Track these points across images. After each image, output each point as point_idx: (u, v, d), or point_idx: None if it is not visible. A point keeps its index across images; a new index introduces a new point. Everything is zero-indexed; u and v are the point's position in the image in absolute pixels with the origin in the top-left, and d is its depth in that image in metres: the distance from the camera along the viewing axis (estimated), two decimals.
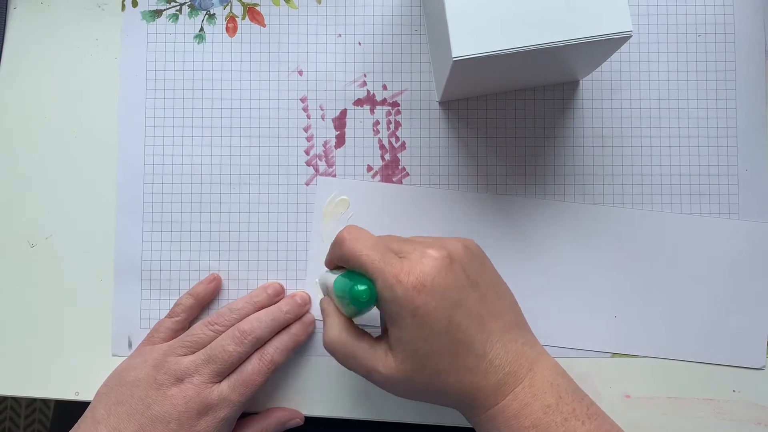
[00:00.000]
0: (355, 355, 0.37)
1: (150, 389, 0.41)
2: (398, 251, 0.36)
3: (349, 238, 0.37)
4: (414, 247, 0.36)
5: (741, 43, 0.47)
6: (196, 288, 0.46)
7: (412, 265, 0.35)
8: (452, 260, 0.35)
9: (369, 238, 0.37)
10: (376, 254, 0.35)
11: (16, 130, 0.48)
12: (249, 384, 0.41)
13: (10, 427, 1.11)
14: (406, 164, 0.47)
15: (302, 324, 0.45)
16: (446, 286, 0.35)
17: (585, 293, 0.46)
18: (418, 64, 0.47)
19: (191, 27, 0.48)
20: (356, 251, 0.36)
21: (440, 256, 0.35)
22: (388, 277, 0.34)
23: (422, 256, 0.35)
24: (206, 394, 0.41)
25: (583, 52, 0.37)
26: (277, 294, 0.46)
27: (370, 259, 0.35)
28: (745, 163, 0.47)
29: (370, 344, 0.37)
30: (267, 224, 0.47)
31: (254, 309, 0.44)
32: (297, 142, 0.47)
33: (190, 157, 0.47)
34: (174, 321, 0.45)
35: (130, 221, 0.47)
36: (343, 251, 0.37)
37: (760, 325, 0.46)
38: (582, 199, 0.47)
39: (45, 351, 0.47)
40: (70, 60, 0.48)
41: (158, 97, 0.47)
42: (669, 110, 0.47)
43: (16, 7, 0.48)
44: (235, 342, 0.41)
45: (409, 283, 0.34)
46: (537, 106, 0.47)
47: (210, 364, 0.41)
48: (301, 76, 0.48)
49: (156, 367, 0.42)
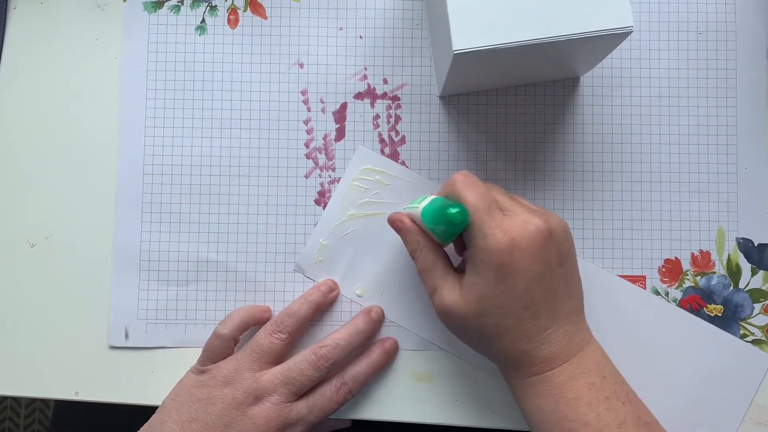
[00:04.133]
0: (432, 269, 0.39)
1: (229, 408, 0.41)
2: (504, 207, 0.38)
3: (461, 180, 0.38)
4: (521, 210, 0.38)
5: (742, 42, 0.47)
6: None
7: (513, 226, 0.36)
8: (551, 235, 0.37)
9: (480, 186, 0.38)
10: (483, 203, 0.37)
11: (17, 130, 0.48)
12: (325, 409, 0.43)
13: (10, 427, 1.11)
14: (406, 158, 0.47)
15: (384, 353, 0.45)
16: (537, 256, 0.36)
17: None
18: (419, 59, 0.47)
19: (193, 18, 0.48)
20: (465, 194, 0.37)
21: (543, 228, 0.37)
22: (486, 227, 0.36)
23: (526, 221, 0.37)
24: (286, 413, 0.42)
25: (583, 47, 0.37)
26: (331, 290, 0.46)
27: (476, 207, 0.37)
28: (744, 162, 0.47)
29: (446, 267, 0.39)
30: (266, 216, 0.47)
31: (312, 310, 0.44)
32: (297, 134, 0.47)
33: (189, 148, 0.47)
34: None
35: (129, 213, 0.47)
36: (453, 191, 0.38)
37: None
38: (581, 195, 0.47)
39: (45, 351, 0.47)
40: (70, 60, 0.48)
41: (159, 89, 0.47)
42: (669, 108, 0.47)
43: (16, 7, 0.48)
44: (313, 367, 0.42)
45: (505, 240, 0.36)
46: (537, 102, 0.47)
47: (287, 386, 0.42)
48: (301, 69, 0.48)
49: (228, 385, 0.42)
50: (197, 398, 0.42)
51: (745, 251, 0.47)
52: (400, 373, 0.47)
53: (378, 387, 0.46)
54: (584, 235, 0.47)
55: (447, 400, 0.46)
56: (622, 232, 0.47)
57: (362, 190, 0.47)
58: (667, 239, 0.47)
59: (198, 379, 0.43)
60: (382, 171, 0.47)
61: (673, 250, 0.47)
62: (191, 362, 0.45)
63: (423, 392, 0.46)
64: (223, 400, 0.42)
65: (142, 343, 0.47)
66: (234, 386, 0.42)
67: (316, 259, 0.47)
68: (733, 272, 0.47)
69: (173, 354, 0.47)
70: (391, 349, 0.46)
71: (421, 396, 0.46)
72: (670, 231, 0.47)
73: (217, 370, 0.43)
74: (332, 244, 0.47)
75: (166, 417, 0.42)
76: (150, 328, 0.47)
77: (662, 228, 0.47)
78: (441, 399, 0.46)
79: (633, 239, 0.47)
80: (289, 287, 0.47)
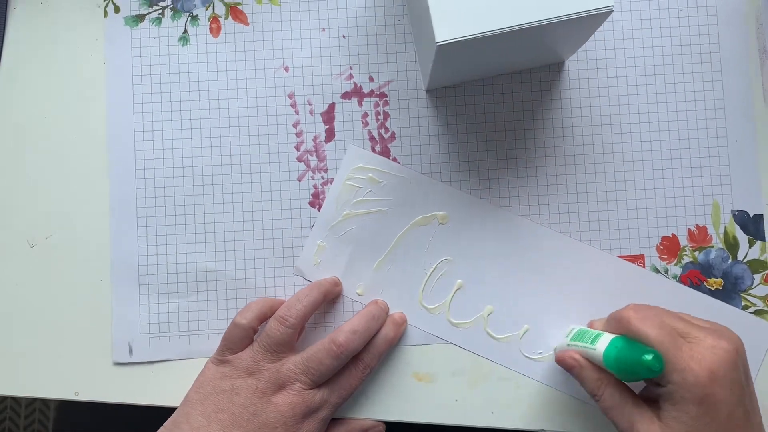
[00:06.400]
0: (622, 406, 0.39)
1: (253, 397, 0.42)
2: (684, 334, 0.38)
3: (635, 317, 0.38)
4: (703, 334, 0.38)
5: (723, 13, 0.47)
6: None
7: (704, 354, 0.36)
8: (738, 354, 0.37)
9: (655, 317, 0.38)
10: (665, 336, 0.37)
11: (16, 131, 0.48)
12: (347, 387, 0.44)
13: (10, 427, 1.11)
14: (397, 154, 0.47)
15: (394, 324, 0.46)
16: (733, 379, 0.36)
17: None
18: (403, 54, 0.48)
19: (175, 30, 0.48)
20: (645, 332, 0.37)
21: (731, 350, 0.37)
22: (679, 362, 0.36)
23: (714, 346, 0.37)
24: (310, 398, 0.42)
25: (566, 30, 0.38)
26: (336, 284, 0.46)
27: (661, 342, 0.37)
28: (734, 134, 0.47)
29: (636, 400, 0.39)
30: (262, 222, 0.47)
31: (321, 295, 0.45)
32: (287, 138, 0.47)
33: (180, 159, 0.47)
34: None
35: (124, 225, 0.47)
36: (630, 330, 0.38)
37: None
38: (574, 179, 0.47)
39: (45, 351, 0.47)
40: (70, 60, 0.48)
41: (146, 102, 0.47)
42: (656, 86, 0.47)
43: (16, 7, 0.48)
44: (332, 356, 0.43)
45: (702, 372, 0.36)
46: (524, 89, 0.47)
47: (308, 375, 0.42)
48: (287, 73, 0.48)
49: (252, 375, 0.42)
50: (221, 389, 0.42)
51: (741, 223, 0.47)
52: (400, 373, 0.47)
53: (378, 387, 0.46)
54: (579, 218, 0.47)
55: (447, 400, 0.46)
56: (617, 213, 0.47)
57: (356, 189, 0.47)
58: (663, 216, 0.47)
59: (219, 370, 0.43)
60: (374, 168, 0.47)
61: (670, 227, 0.47)
62: (191, 362, 0.45)
63: (423, 392, 0.46)
64: (247, 390, 0.42)
65: (147, 358, 0.47)
66: (256, 376, 0.42)
67: (314, 262, 0.47)
68: (730, 245, 0.47)
69: None
70: (401, 320, 0.46)
71: (421, 396, 0.46)
72: (665, 208, 0.47)
73: (238, 362, 0.43)
74: (330, 246, 0.47)
75: (190, 410, 0.42)
76: (153, 341, 0.47)
77: (657, 206, 0.47)
78: (441, 399, 0.46)
79: (629, 219, 0.47)
80: (289, 291, 0.47)
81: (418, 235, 0.47)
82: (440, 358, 0.46)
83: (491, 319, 0.46)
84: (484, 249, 0.47)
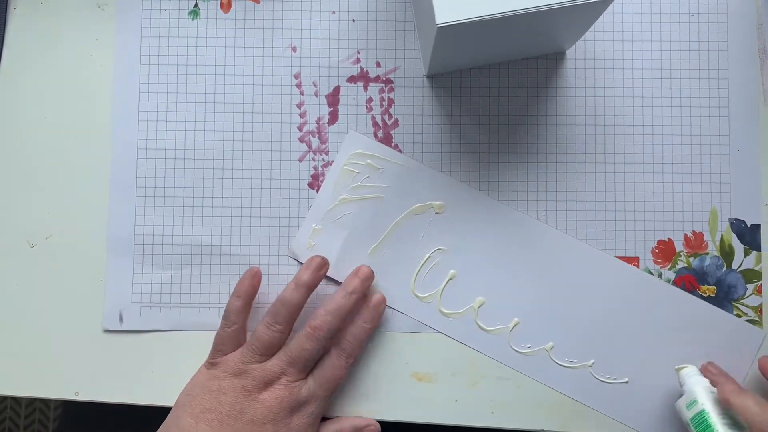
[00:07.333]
0: None
1: (239, 396, 0.42)
2: None
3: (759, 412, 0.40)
4: None
5: (733, 23, 0.47)
6: (240, 288, 0.45)
7: None
8: None
9: (756, 407, 0.40)
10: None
11: (16, 130, 0.48)
12: (333, 379, 0.44)
13: (10, 427, 1.11)
14: (399, 141, 0.47)
15: (371, 311, 0.45)
16: None
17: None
18: (411, 41, 0.48)
19: (186, 3, 0.48)
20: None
21: None
22: None
23: None
24: (296, 392, 0.42)
25: (566, 17, 0.37)
26: (321, 267, 0.45)
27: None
28: (737, 143, 0.47)
29: None
30: (260, 200, 0.47)
31: (304, 295, 0.44)
32: (290, 118, 0.48)
33: (183, 132, 0.47)
34: (233, 330, 0.44)
35: (123, 197, 0.47)
36: (735, 409, 0.41)
37: None
38: (574, 177, 0.47)
39: (45, 351, 0.47)
40: (70, 60, 0.48)
41: (152, 73, 0.48)
42: (661, 89, 0.47)
43: (16, 7, 0.48)
44: (311, 339, 0.43)
45: None
46: (530, 84, 0.47)
47: (293, 365, 0.43)
48: (294, 53, 0.48)
49: (239, 375, 0.42)
50: (209, 389, 0.42)
51: (738, 232, 0.47)
52: (400, 373, 0.47)
53: (378, 387, 0.47)
54: (577, 216, 0.47)
55: (447, 400, 0.46)
56: (615, 213, 0.47)
57: (353, 174, 0.47)
58: (660, 220, 0.47)
59: (209, 372, 0.44)
60: (373, 155, 0.47)
61: (666, 231, 0.47)
62: (191, 362, 0.45)
63: (423, 392, 0.46)
64: (233, 389, 0.42)
65: (137, 327, 0.47)
66: (243, 376, 0.42)
67: (309, 245, 0.47)
68: (726, 253, 0.47)
69: (173, 354, 0.47)
70: (378, 302, 0.45)
71: (421, 396, 0.46)
72: (663, 212, 0.47)
73: (227, 363, 0.43)
74: (325, 229, 0.47)
75: (180, 412, 0.42)
76: (144, 311, 0.47)
77: (655, 209, 0.47)
78: (441, 399, 0.46)
79: (626, 221, 0.47)
80: (283, 270, 0.47)
81: (413, 224, 0.47)
82: (440, 358, 0.47)
83: (482, 311, 0.46)
84: (479, 241, 0.47)
